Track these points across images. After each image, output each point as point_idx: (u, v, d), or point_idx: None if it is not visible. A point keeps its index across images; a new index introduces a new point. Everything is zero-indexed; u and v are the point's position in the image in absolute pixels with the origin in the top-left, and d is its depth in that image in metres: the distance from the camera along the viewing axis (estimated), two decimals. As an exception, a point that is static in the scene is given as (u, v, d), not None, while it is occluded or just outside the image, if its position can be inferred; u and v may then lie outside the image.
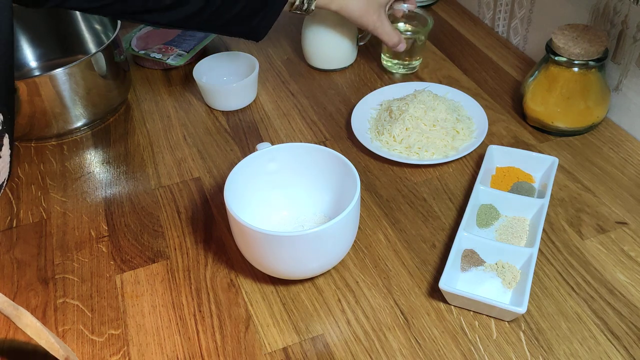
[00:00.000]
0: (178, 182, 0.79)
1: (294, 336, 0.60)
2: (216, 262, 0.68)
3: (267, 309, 0.63)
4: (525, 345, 0.58)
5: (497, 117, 0.86)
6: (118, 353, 0.60)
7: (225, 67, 0.91)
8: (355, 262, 0.67)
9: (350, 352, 0.59)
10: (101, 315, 0.63)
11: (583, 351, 0.57)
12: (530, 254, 0.62)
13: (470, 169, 0.78)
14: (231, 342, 0.60)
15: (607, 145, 0.80)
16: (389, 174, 0.78)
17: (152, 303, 0.64)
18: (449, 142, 0.79)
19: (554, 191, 0.73)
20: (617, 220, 0.70)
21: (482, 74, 0.95)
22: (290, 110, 0.91)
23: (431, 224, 0.71)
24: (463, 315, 0.61)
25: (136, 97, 0.95)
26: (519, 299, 0.58)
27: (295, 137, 0.86)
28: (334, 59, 0.97)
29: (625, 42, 0.78)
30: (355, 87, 0.95)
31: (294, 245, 0.58)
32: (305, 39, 0.97)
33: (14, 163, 0.83)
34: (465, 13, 1.11)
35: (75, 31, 1.00)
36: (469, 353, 0.58)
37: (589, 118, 0.80)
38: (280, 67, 1.00)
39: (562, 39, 0.76)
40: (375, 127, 0.84)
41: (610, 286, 0.63)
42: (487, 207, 0.70)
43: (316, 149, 0.67)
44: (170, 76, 0.99)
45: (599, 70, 0.77)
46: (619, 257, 0.66)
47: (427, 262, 0.67)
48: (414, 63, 0.96)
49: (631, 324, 0.59)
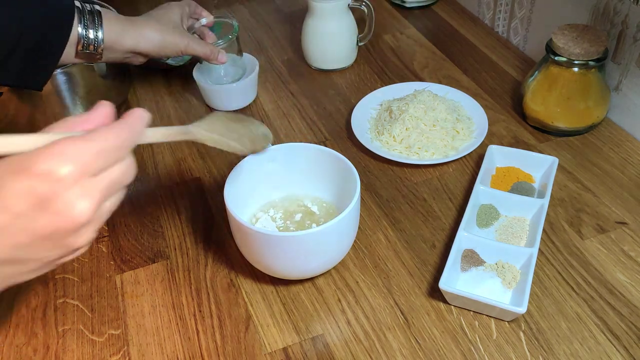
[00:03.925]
0: (178, 182, 0.79)
1: (294, 336, 0.60)
2: (216, 262, 0.68)
3: (267, 309, 0.63)
4: (525, 345, 0.58)
5: (497, 117, 0.86)
6: (118, 353, 0.60)
7: (225, 67, 0.91)
8: (355, 262, 0.67)
9: (350, 352, 0.59)
10: (101, 315, 0.63)
11: (583, 351, 0.57)
12: (530, 254, 0.62)
13: (470, 169, 0.78)
14: (231, 342, 0.60)
15: (607, 145, 0.80)
16: (389, 174, 0.78)
17: (152, 303, 0.64)
18: (449, 142, 0.79)
19: (554, 191, 0.73)
20: (617, 220, 0.70)
21: (482, 74, 0.95)
22: (290, 110, 0.91)
23: (431, 224, 0.71)
24: (463, 315, 0.61)
25: (136, 97, 0.95)
26: (519, 299, 0.58)
27: (295, 137, 0.86)
28: (334, 59, 0.97)
29: (625, 42, 0.78)
30: (355, 87, 0.95)
31: (294, 245, 0.58)
32: (305, 39, 0.97)
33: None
34: (465, 13, 1.11)
35: (75, 31, 1.00)
36: (469, 353, 0.58)
37: (589, 118, 0.80)
38: (280, 67, 1.00)
39: (562, 39, 0.76)
40: (375, 127, 0.84)
41: (610, 286, 0.63)
42: (487, 207, 0.70)
43: (316, 149, 0.67)
44: (170, 76, 0.99)
45: (599, 70, 0.77)
46: (619, 257, 0.66)
47: (427, 262, 0.67)
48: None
49: (631, 324, 0.59)
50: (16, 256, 0.38)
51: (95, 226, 0.40)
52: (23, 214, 0.36)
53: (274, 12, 1.15)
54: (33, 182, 0.35)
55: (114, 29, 0.73)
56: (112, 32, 0.73)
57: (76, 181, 0.37)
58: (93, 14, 0.72)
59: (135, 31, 0.76)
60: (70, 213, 0.37)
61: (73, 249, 0.40)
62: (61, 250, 0.39)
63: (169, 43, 0.78)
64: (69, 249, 0.39)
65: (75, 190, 0.37)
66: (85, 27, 0.71)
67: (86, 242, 0.40)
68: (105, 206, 0.41)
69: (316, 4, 0.91)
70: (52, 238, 0.38)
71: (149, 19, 0.79)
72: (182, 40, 0.79)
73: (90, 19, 0.71)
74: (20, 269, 0.39)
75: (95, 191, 0.38)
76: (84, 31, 0.71)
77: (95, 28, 0.72)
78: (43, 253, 0.39)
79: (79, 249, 0.40)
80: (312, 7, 0.92)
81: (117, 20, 0.75)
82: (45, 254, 0.39)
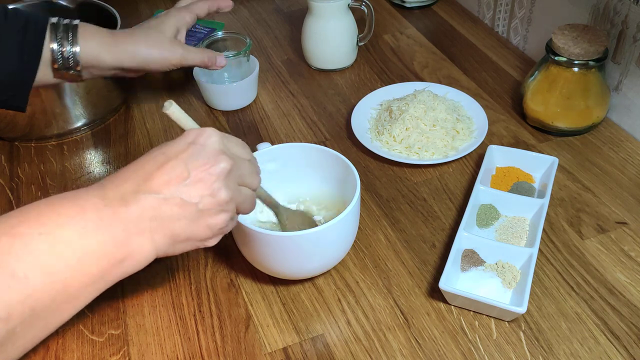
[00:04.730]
0: (178, 182, 0.79)
1: (294, 336, 0.60)
2: (216, 262, 0.68)
3: (267, 309, 0.63)
4: (525, 345, 0.58)
5: (497, 117, 0.86)
6: (118, 353, 0.60)
7: (225, 67, 0.90)
8: (355, 262, 0.67)
9: (350, 352, 0.59)
10: (101, 315, 0.63)
11: (583, 351, 0.57)
12: (530, 254, 0.62)
13: (470, 169, 0.78)
14: (231, 342, 0.60)
15: (607, 145, 0.80)
16: (389, 174, 0.78)
17: (152, 303, 0.64)
18: (449, 142, 0.79)
19: (554, 191, 0.73)
20: (617, 220, 0.70)
21: (482, 74, 0.95)
22: (290, 110, 0.91)
23: (431, 224, 0.71)
24: (463, 315, 0.61)
25: (136, 97, 0.95)
26: (519, 299, 0.58)
27: (295, 137, 0.86)
28: (334, 59, 0.97)
29: (625, 42, 0.78)
30: (355, 87, 0.95)
31: (294, 245, 0.58)
32: (305, 39, 0.97)
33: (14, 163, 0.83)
34: (465, 13, 1.11)
35: (75, 31, 1.00)
36: (469, 353, 0.58)
37: (589, 118, 0.80)
38: (280, 67, 1.00)
39: (562, 39, 0.76)
40: (375, 127, 0.84)
41: (610, 286, 0.63)
42: (487, 207, 0.70)
43: (316, 149, 0.67)
44: (170, 76, 0.99)
45: (599, 70, 0.77)
46: (619, 257, 0.66)
47: (427, 262, 0.67)
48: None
49: (631, 324, 0.59)
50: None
51: (233, 197, 0.50)
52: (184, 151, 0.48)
53: (274, 12, 1.15)
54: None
55: (91, 44, 0.68)
56: (90, 48, 0.68)
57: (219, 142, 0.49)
58: (68, 29, 0.67)
59: (116, 47, 0.70)
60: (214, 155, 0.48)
61: (218, 198, 0.48)
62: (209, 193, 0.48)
63: (157, 58, 0.73)
64: (214, 196, 0.48)
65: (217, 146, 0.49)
66: (60, 43, 0.66)
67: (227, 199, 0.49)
68: (242, 190, 0.51)
69: (316, 4, 0.91)
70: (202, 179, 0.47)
71: (135, 33, 0.73)
72: (174, 54, 0.74)
73: (64, 35, 0.67)
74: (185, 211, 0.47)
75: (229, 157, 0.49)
76: (59, 47, 0.66)
77: (71, 43, 0.67)
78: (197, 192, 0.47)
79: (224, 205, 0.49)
80: (312, 7, 0.92)
81: (96, 35, 0.69)
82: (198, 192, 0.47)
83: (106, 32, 0.71)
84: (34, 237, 0.42)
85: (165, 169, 0.47)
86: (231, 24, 1.12)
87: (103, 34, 0.70)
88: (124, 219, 0.45)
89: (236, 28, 1.10)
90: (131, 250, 0.46)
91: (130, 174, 0.47)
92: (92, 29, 0.70)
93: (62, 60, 0.67)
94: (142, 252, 0.47)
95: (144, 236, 0.46)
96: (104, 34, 0.70)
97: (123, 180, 0.47)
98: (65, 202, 0.45)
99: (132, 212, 0.45)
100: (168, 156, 0.48)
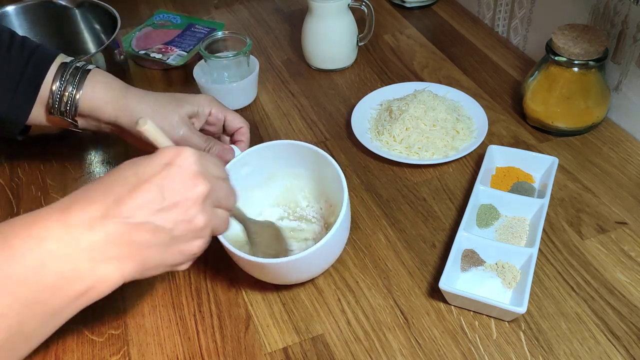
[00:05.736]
0: (178, 182, 0.79)
1: (294, 336, 0.60)
2: (216, 262, 0.68)
3: (267, 309, 0.63)
4: (525, 345, 0.58)
5: (497, 117, 0.86)
6: (118, 353, 0.60)
7: (225, 67, 0.91)
8: (355, 262, 0.67)
9: (350, 352, 0.59)
10: (101, 315, 0.63)
11: (583, 351, 0.57)
12: (530, 254, 0.62)
13: (470, 169, 0.78)
14: (231, 342, 0.60)
15: (607, 145, 0.80)
16: (389, 174, 0.78)
17: (152, 303, 0.64)
18: (449, 142, 0.79)
19: (554, 191, 0.73)
20: (617, 220, 0.70)
21: (482, 74, 0.95)
22: (290, 110, 0.91)
23: (431, 224, 0.71)
24: (463, 315, 0.61)
25: (136, 97, 0.95)
26: (519, 299, 0.58)
27: (295, 137, 0.86)
28: (334, 59, 0.97)
29: (625, 42, 0.78)
30: (355, 87, 0.95)
31: (286, 268, 0.59)
32: (305, 39, 0.97)
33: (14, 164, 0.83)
34: (465, 13, 1.11)
35: (75, 31, 1.00)
36: (469, 353, 0.58)
37: (589, 118, 0.80)
38: (280, 67, 1.00)
39: (562, 39, 0.76)
40: (375, 127, 0.84)
41: (610, 286, 0.63)
42: (487, 207, 0.70)
43: (287, 145, 0.66)
44: (170, 76, 0.99)
45: (599, 70, 0.77)
46: (619, 257, 0.66)
47: (427, 262, 0.67)
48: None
49: (631, 324, 0.59)
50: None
51: (210, 221, 0.48)
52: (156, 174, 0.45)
53: (274, 12, 1.15)
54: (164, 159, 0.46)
55: (98, 91, 0.63)
56: (94, 95, 0.63)
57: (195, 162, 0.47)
58: (77, 72, 0.62)
59: (123, 99, 0.64)
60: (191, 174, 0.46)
61: (195, 225, 0.46)
62: (184, 219, 0.46)
63: (171, 131, 0.66)
64: (190, 220, 0.46)
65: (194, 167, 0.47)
66: (62, 86, 0.62)
67: (204, 223, 0.47)
68: (218, 212, 0.49)
69: (316, 4, 0.91)
70: (180, 204, 0.45)
71: (148, 94, 0.67)
72: (176, 131, 0.66)
73: (70, 77, 0.62)
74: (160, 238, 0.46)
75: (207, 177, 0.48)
76: (60, 89, 0.62)
77: (75, 87, 0.62)
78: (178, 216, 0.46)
79: (198, 225, 0.47)
80: (312, 7, 0.92)
81: (108, 83, 0.64)
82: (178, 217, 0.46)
83: (119, 83, 0.66)
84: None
85: (138, 192, 0.44)
86: (231, 24, 1.12)
87: (115, 84, 0.65)
88: (88, 247, 0.42)
89: (236, 28, 1.10)
90: (95, 281, 0.43)
91: (99, 195, 0.44)
92: (105, 76, 0.65)
93: (58, 104, 0.63)
94: (107, 281, 0.44)
95: (111, 264, 0.43)
96: (116, 84, 0.65)
97: (90, 202, 0.43)
98: (21, 232, 0.41)
99: (98, 238, 0.42)
100: (141, 178, 0.44)
